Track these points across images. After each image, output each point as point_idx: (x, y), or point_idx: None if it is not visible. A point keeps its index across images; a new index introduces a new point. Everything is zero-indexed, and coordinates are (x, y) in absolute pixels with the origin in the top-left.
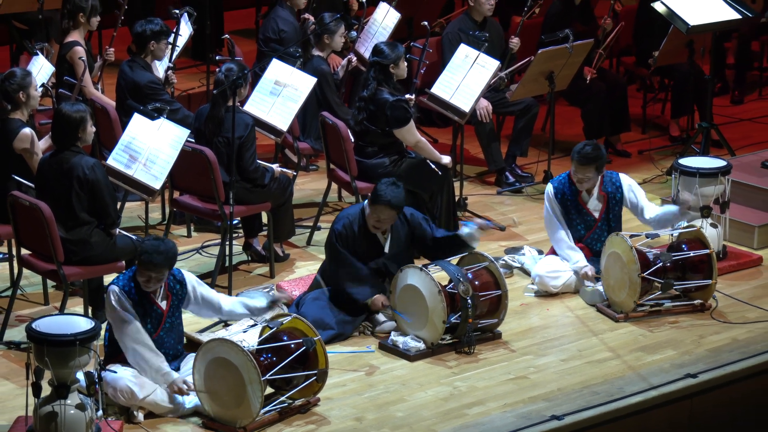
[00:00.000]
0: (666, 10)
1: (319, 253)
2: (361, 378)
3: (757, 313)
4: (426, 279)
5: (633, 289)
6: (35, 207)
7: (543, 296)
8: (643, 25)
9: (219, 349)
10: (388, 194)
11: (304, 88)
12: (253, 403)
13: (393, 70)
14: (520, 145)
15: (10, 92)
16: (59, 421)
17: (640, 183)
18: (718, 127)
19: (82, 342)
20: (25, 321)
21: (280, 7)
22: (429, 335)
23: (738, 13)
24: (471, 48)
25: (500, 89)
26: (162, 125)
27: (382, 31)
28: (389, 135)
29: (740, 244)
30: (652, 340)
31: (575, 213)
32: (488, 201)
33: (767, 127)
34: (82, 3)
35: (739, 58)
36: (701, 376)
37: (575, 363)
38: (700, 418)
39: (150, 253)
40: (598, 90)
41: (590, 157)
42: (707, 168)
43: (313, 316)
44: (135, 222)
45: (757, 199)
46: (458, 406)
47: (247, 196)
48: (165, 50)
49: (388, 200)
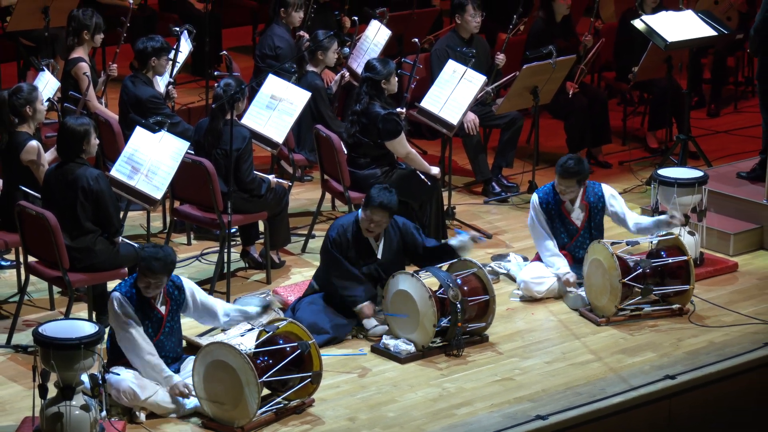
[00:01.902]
0: (645, 27)
1: (314, 260)
2: (354, 380)
3: (733, 317)
4: (417, 284)
5: (614, 294)
6: (41, 216)
7: (528, 301)
8: (623, 42)
9: (218, 352)
10: (380, 197)
11: (298, 102)
12: (251, 403)
13: (384, 85)
14: (505, 156)
15: (18, 106)
16: (65, 421)
17: (620, 192)
18: (695, 139)
19: (87, 346)
20: (32, 325)
21: (276, 25)
22: (420, 338)
23: (714, 30)
24: (459, 63)
25: (487, 103)
26: (163, 138)
27: (373, 48)
28: (381, 147)
29: (717, 251)
30: (632, 343)
31: (559, 222)
32: (475, 210)
33: (742, 139)
34: (86, 21)
35: (715, 73)
36: (679, 377)
37: (559, 365)
38: (679, 418)
39: (148, 260)
40: (580, 104)
41: (572, 171)
42: (685, 178)
43: (308, 320)
44: (137, 231)
45: (732, 208)
46: (447, 407)
47: (244, 206)
48: (166, 66)
49: (380, 202)
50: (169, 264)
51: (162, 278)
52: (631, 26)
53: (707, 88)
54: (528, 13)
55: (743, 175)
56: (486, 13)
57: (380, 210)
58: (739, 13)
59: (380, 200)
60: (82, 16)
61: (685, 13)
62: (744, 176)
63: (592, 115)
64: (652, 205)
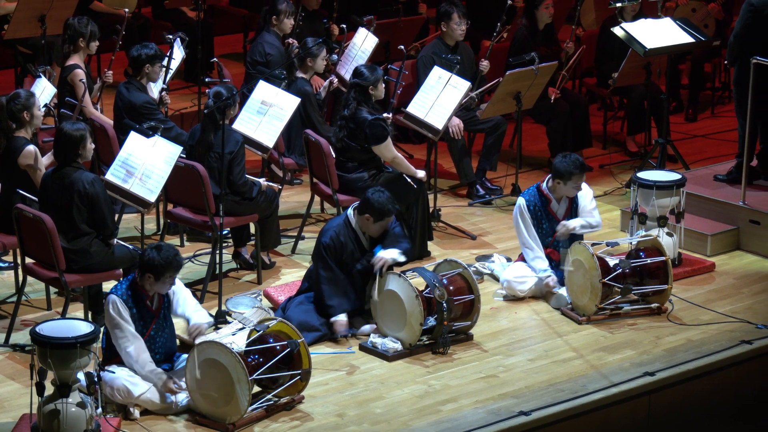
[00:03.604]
0: (625, 34)
1: (304, 261)
2: (342, 377)
3: (710, 315)
4: (404, 284)
5: (595, 293)
6: (39, 219)
7: (511, 300)
8: (604, 49)
9: (210, 351)
10: (389, 204)
11: (288, 107)
12: (242, 400)
13: (372, 91)
14: (489, 160)
15: (15, 112)
16: (61, 418)
17: (601, 195)
18: (673, 142)
19: (83, 344)
20: (29, 325)
21: (266, 33)
22: (407, 337)
23: (691, 37)
24: (444, 70)
25: (471, 108)
26: (156, 142)
27: (361, 55)
28: (368, 151)
29: (694, 252)
30: (612, 341)
31: (546, 221)
32: (460, 212)
33: (719, 143)
34: (82, 29)
35: (693, 79)
36: (658, 374)
37: (541, 362)
38: (658, 414)
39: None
40: (561, 109)
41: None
42: (663, 181)
43: (299, 319)
44: (132, 233)
45: (709, 209)
46: (433, 403)
47: (236, 208)
48: (159, 73)
49: (393, 210)
50: (181, 258)
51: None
52: (611, 33)
53: (685, 94)
54: (511, 21)
55: (720, 177)
56: (471, 22)
57: (392, 215)
58: (716, 20)
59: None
60: (77, 25)
61: (664, 21)
62: (721, 179)
63: (573, 120)
64: (631, 207)
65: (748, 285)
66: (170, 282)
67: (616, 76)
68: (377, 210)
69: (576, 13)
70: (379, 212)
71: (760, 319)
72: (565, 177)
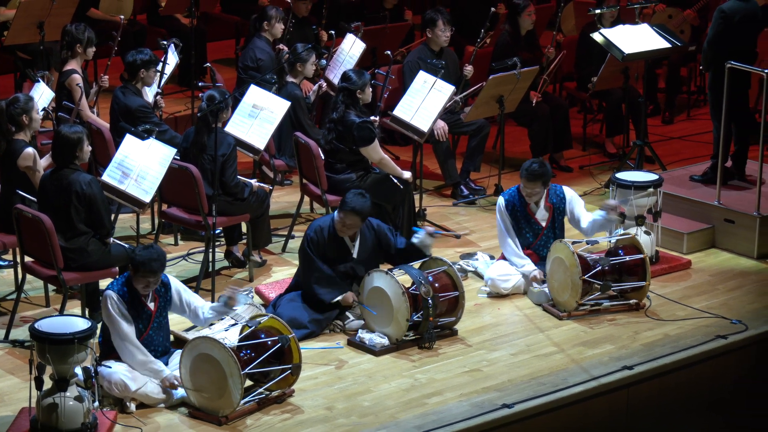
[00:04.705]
0: (603, 40)
1: (294, 259)
2: (331, 371)
3: (686, 311)
4: (391, 281)
5: (575, 290)
6: (37, 219)
7: (495, 297)
8: (583, 54)
9: (203, 346)
10: (353, 202)
11: (279, 111)
12: (234, 394)
13: (360, 95)
14: (473, 161)
15: (15, 116)
16: (59, 411)
17: (581, 195)
18: (650, 144)
19: (80, 340)
20: (28, 321)
21: (257, 39)
22: (394, 332)
23: (668, 42)
24: (429, 74)
25: (455, 111)
26: (151, 145)
27: (349, 60)
28: (356, 153)
29: (671, 250)
30: (592, 336)
31: (524, 222)
32: (445, 212)
33: (695, 145)
34: (79, 35)
35: (670, 82)
36: (637, 368)
37: (524, 357)
38: (636, 406)
39: (148, 262)
40: (542, 112)
41: (536, 174)
42: (641, 181)
43: (288, 315)
44: (127, 232)
45: (685, 209)
46: (419, 396)
47: (228, 208)
48: (154, 77)
49: (352, 207)
50: (164, 261)
51: (159, 275)
52: (590, 39)
53: (662, 97)
54: (494, 27)
55: (696, 178)
56: (455, 28)
57: (352, 214)
58: (691, 26)
59: (352, 205)
60: (75, 31)
61: (641, 27)
62: (696, 179)
63: (554, 123)
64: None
65: (723, 282)
66: (151, 281)
67: (596, 80)
68: (342, 201)
69: (557, 19)
70: (342, 202)
71: (735, 315)
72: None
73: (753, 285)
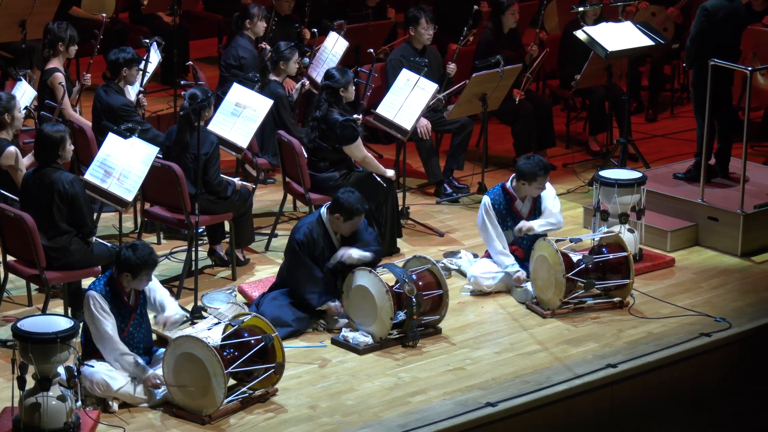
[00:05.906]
0: (587, 37)
1: (277, 258)
2: (315, 370)
3: (669, 309)
4: (375, 280)
5: (559, 288)
6: (20, 218)
7: (478, 295)
8: (566, 52)
9: (186, 345)
10: (358, 204)
11: (261, 109)
12: (218, 393)
13: (343, 93)
14: (456, 159)
15: None
16: (42, 411)
17: (564, 193)
18: (634, 142)
19: (63, 340)
20: (10, 321)
21: (240, 37)
22: (378, 331)
23: (651, 40)
24: (412, 72)
25: (438, 109)
26: (134, 143)
27: (332, 58)
28: (339, 151)
29: (654, 248)
30: (576, 334)
31: (511, 220)
32: (428, 210)
33: (678, 143)
34: (61, 33)
35: (653, 80)
36: (620, 366)
37: (507, 355)
38: (620, 404)
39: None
40: (526, 110)
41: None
42: (625, 179)
43: (272, 314)
44: (110, 231)
45: (669, 207)
46: (403, 395)
47: (211, 207)
48: (136, 76)
49: (362, 210)
50: (156, 256)
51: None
52: (573, 37)
53: (645, 95)
54: (477, 25)
55: (679, 176)
56: (438, 26)
57: (361, 216)
58: (674, 24)
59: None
60: (57, 29)
61: (624, 24)
62: (680, 177)
63: (537, 121)
64: (594, 205)
65: (707, 279)
66: (147, 279)
67: (579, 77)
68: (346, 209)
69: (540, 17)
70: (348, 212)
71: (719, 312)
72: (530, 178)
73: (736, 283)
